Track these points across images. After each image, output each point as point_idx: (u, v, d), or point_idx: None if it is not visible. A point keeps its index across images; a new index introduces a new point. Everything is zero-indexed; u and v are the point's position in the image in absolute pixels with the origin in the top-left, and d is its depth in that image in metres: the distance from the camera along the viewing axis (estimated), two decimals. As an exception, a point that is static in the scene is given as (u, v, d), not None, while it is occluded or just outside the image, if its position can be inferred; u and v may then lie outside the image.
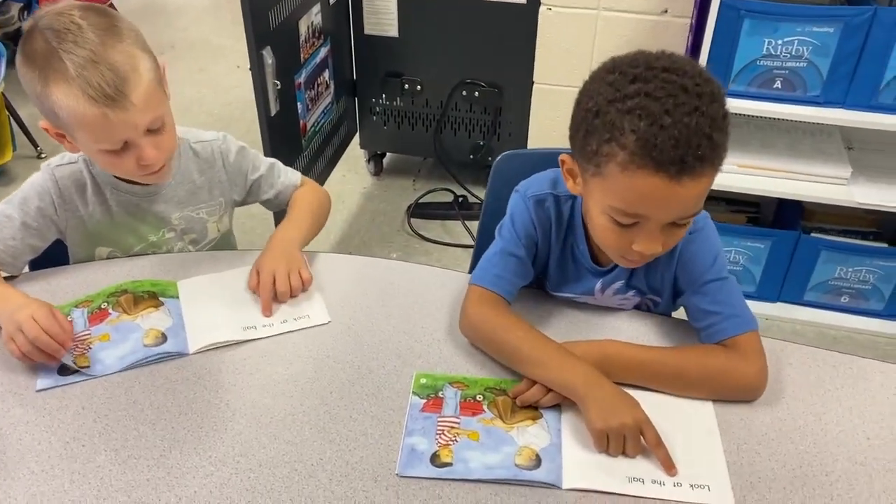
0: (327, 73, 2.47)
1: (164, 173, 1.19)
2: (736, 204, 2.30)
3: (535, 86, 2.48)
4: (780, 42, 1.84)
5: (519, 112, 2.56)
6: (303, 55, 2.26)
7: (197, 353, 1.08)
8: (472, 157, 2.72)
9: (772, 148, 2.11)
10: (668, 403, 1.01)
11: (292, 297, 1.17)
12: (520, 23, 2.39)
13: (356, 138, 2.84)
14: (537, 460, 0.93)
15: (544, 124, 2.53)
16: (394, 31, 2.54)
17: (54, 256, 1.28)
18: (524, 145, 2.58)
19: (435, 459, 0.93)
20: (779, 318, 2.25)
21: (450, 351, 1.09)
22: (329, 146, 2.60)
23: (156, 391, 1.02)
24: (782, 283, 2.23)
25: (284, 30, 2.10)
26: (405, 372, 1.05)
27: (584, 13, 2.31)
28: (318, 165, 2.52)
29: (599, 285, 1.15)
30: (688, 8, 2.14)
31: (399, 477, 0.91)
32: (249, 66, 1.94)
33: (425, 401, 1.01)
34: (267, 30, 1.98)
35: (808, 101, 1.91)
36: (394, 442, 0.95)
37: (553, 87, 2.46)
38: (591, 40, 2.35)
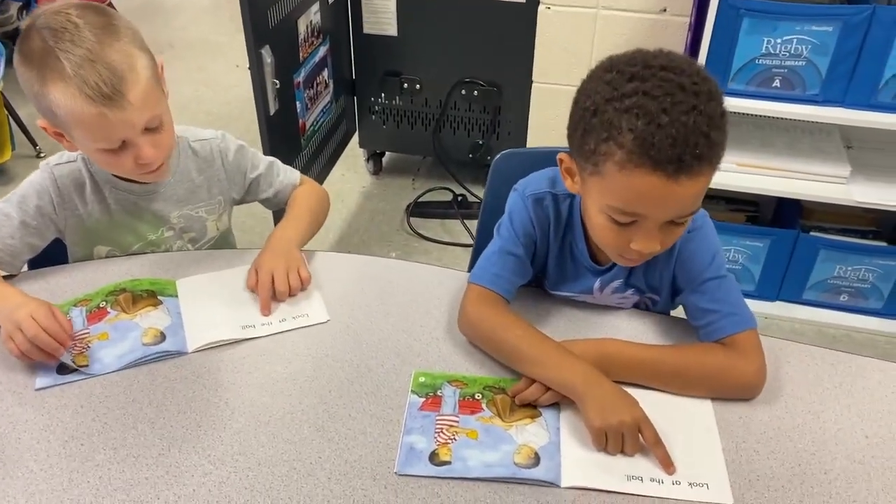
0: (326, 72, 2.47)
1: (162, 172, 1.19)
2: (735, 203, 2.30)
3: (534, 85, 2.48)
4: (779, 41, 1.84)
5: (518, 111, 2.56)
6: (302, 54, 2.26)
7: (196, 352, 1.08)
8: (471, 156, 2.72)
9: (771, 147, 2.11)
10: (666, 402, 1.01)
11: (291, 296, 1.17)
12: (519, 22, 2.39)
13: (355, 137, 2.84)
14: (536, 459, 0.93)
15: (543, 123, 2.53)
16: (393, 30, 2.54)
17: (53, 255, 1.28)
18: (523, 144, 2.58)
19: (434, 458, 0.93)
20: (778, 316, 2.25)
21: (449, 349, 1.09)
22: (328, 145, 2.60)
23: (154, 390, 1.02)
24: (781, 282, 2.23)
25: (283, 29, 2.10)
26: (404, 370, 1.05)
27: (583, 12, 2.31)
28: (317, 164, 2.51)
29: (598, 284, 1.15)
30: (687, 7, 2.14)
31: (398, 475, 0.91)
32: (248, 65, 1.94)
33: (424, 399, 1.01)
34: (266, 29, 1.98)
35: (807, 99, 1.91)
36: (392, 440, 0.95)
37: (552, 86, 2.47)
38: (590, 39, 2.35)
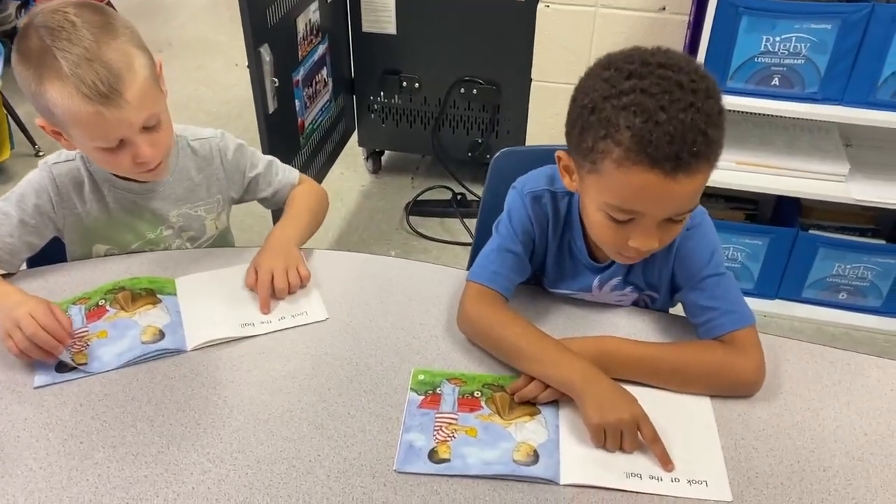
0: (325, 71, 2.47)
1: (161, 170, 1.19)
2: (734, 201, 2.30)
3: (533, 83, 2.48)
4: (777, 39, 1.84)
5: (517, 109, 2.56)
6: (301, 53, 2.26)
7: (195, 350, 1.08)
8: (470, 154, 2.72)
9: (770, 145, 2.11)
10: (665, 399, 1.01)
11: (290, 294, 1.17)
12: (518, 20, 2.39)
13: (354, 136, 2.84)
14: (535, 456, 0.93)
15: (542, 122, 2.52)
16: (392, 28, 2.54)
17: (52, 254, 1.27)
18: (522, 143, 2.58)
19: (433, 456, 0.93)
20: (777, 315, 2.25)
21: (448, 347, 1.09)
22: (327, 144, 2.60)
23: (153, 388, 1.02)
24: (780, 280, 2.23)
25: (282, 27, 2.10)
26: (403, 368, 1.05)
27: (582, 10, 2.31)
28: (317, 163, 2.51)
29: (597, 282, 1.15)
30: (686, 5, 2.14)
31: (397, 473, 0.91)
32: (247, 64, 1.94)
33: (423, 397, 1.01)
34: (265, 27, 1.98)
35: (805, 97, 1.91)
36: (392, 438, 0.95)
37: (551, 85, 2.46)
38: (589, 38, 2.34)
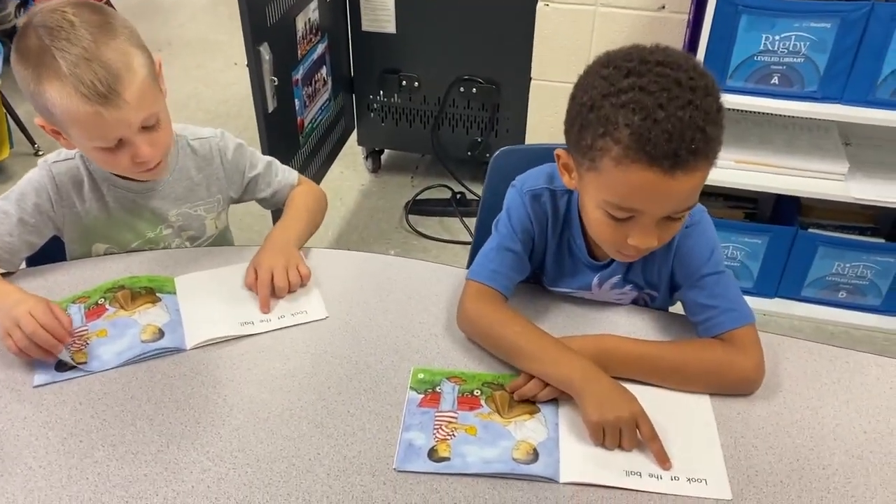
0: (325, 70, 2.47)
1: (160, 170, 1.19)
2: (733, 200, 2.30)
3: (532, 82, 2.48)
4: (777, 38, 1.84)
5: (517, 108, 2.56)
6: (300, 51, 2.25)
7: (194, 349, 1.08)
8: (469, 153, 2.72)
9: (769, 144, 2.11)
10: (665, 397, 1.01)
11: (291, 293, 1.17)
12: (517, 19, 2.39)
13: (354, 135, 2.84)
14: (535, 454, 0.93)
15: (542, 120, 2.52)
16: (391, 27, 2.54)
17: (51, 253, 1.27)
18: (522, 142, 2.58)
19: (432, 454, 0.93)
20: (776, 313, 2.25)
21: (447, 346, 1.09)
22: (326, 143, 2.60)
23: (153, 387, 1.02)
24: (780, 279, 2.23)
25: (282, 26, 2.10)
26: (403, 367, 1.05)
27: (582, 9, 2.31)
28: (316, 162, 2.51)
29: (596, 280, 1.15)
30: (685, 4, 2.14)
31: (397, 472, 0.91)
32: (246, 63, 1.94)
33: (423, 396, 1.01)
34: (264, 26, 1.98)
35: (805, 96, 1.90)
36: (391, 437, 0.96)
37: (550, 84, 2.46)
38: (588, 36, 2.34)
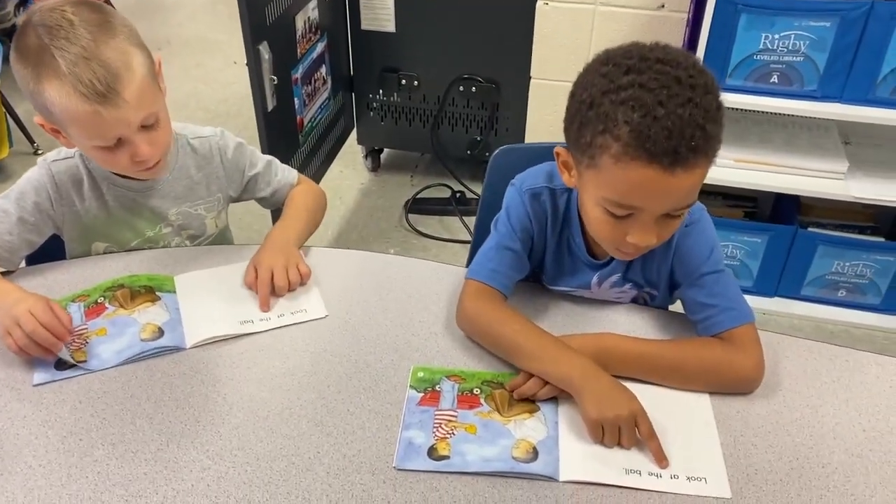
0: (324, 69, 2.47)
1: (159, 169, 1.19)
2: (733, 199, 2.30)
3: (532, 81, 2.48)
4: (776, 36, 1.84)
5: (516, 107, 2.56)
6: (299, 50, 2.25)
7: (194, 348, 1.08)
8: (469, 152, 2.72)
9: (769, 143, 2.11)
10: (665, 396, 1.01)
11: (290, 291, 1.17)
12: (517, 18, 2.39)
13: (353, 134, 2.84)
14: (534, 453, 0.93)
15: (541, 119, 2.52)
16: (391, 26, 2.54)
17: (51, 251, 1.27)
18: (521, 141, 2.57)
19: (432, 453, 0.93)
20: (776, 312, 2.25)
21: (447, 345, 1.09)
22: (326, 142, 2.60)
23: (153, 385, 1.02)
24: (779, 278, 2.23)
25: (281, 25, 2.09)
26: (402, 365, 1.05)
27: (581, 8, 2.31)
28: (316, 161, 2.51)
29: (596, 279, 1.15)
30: (685, 3, 2.14)
31: (396, 470, 0.91)
32: (246, 62, 1.94)
33: (422, 394, 1.01)
34: (263, 25, 1.97)
35: (805, 95, 1.90)
36: (391, 435, 0.96)
37: (550, 83, 2.46)
38: (587, 35, 2.34)
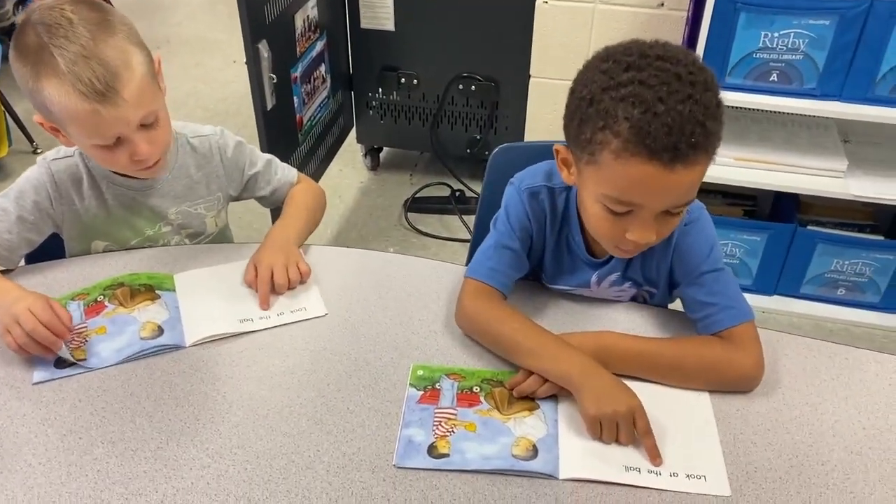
0: (323, 67, 2.47)
1: (158, 168, 1.19)
2: (732, 197, 2.30)
3: (531, 79, 2.48)
4: (776, 35, 1.84)
5: (516, 106, 2.56)
6: (299, 49, 2.25)
7: (194, 346, 1.08)
8: (468, 151, 2.72)
9: (768, 141, 2.11)
10: (664, 394, 1.01)
11: (290, 290, 1.17)
12: (516, 16, 2.39)
13: (353, 133, 2.84)
14: (534, 451, 0.93)
15: (541, 118, 2.52)
16: (390, 24, 2.54)
17: (50, 250, 1.27)
18: (521, 139, 2.57)
19: (432, 451, 0.93)
20: (776, 311, 2.25)
21: (446, 343, 1.09)
22: (325, 140, 2.60)
23: (152, 384, 1.02)
24: (779, 277, 2.23)
25: (280, 24, 2.09)
26: (402, 364, 1.05)
27: (581, 7, 2.31)
28: (315, 160, 2.51)
29: (595, 277, 1.15)
30: (684, 1, 2.14)
31: (396, 468, 0.91)
32: (245, 61, 1.94)
33: (422, 392, 1.01)
34: (263, 24, 1.97)
35: (804, 93, 1.90)
36: (391, 433, 0.96)
37: (550, 81, 2.46)
38: (587, 34, 2.34)
